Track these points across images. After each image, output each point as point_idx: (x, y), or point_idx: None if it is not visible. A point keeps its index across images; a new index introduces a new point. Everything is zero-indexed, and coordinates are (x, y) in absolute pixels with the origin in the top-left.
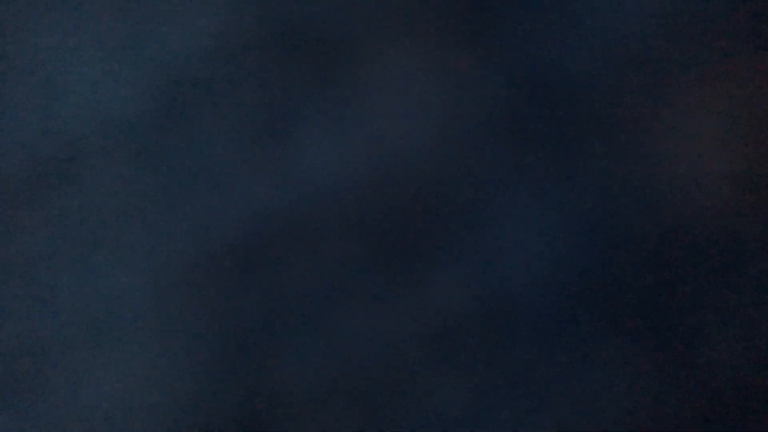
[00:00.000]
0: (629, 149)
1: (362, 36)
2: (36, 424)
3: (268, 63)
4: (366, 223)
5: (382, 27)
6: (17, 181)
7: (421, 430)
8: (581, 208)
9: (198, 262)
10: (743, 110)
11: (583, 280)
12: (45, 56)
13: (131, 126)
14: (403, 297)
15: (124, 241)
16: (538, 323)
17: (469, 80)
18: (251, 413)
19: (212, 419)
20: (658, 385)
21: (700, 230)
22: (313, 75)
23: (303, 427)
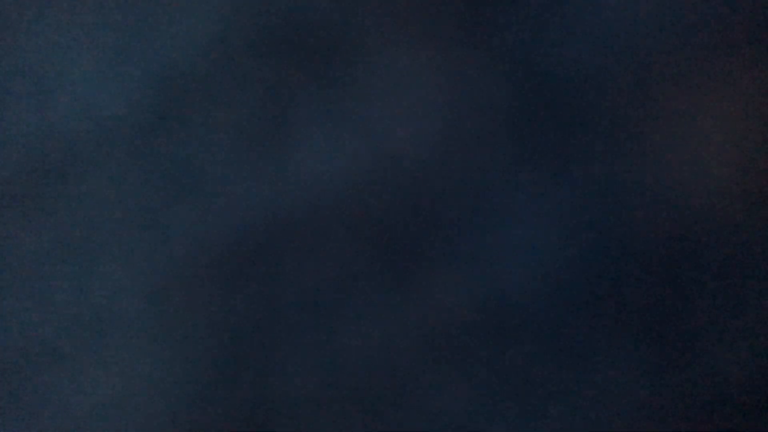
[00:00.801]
0: (630, 151)
1: (362, 36)
2: (34, 424)
3: (268, 63)
4: (366, 223)
5: (382, 27)
6: (14, 182)
7: (421, 431)
8: (582, 209)
9: (196, 262)
10: (745, 111)
11: (583, 282)
12: (41, 57)
13: (129, 126)
14: (403, 298)
15: (122, 241)
16: (538, 324)
17: (470, 80)
18: (251, 413)
19: (212, 420)
20: (659, 386)
21: (701, 232)
22: (313, 75)
23: (303, 427)
